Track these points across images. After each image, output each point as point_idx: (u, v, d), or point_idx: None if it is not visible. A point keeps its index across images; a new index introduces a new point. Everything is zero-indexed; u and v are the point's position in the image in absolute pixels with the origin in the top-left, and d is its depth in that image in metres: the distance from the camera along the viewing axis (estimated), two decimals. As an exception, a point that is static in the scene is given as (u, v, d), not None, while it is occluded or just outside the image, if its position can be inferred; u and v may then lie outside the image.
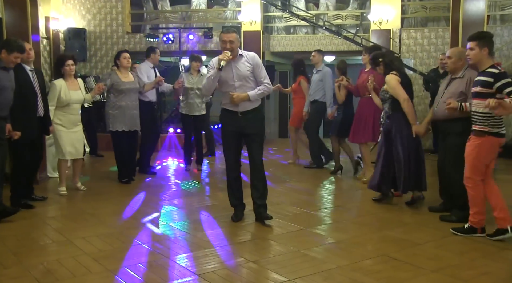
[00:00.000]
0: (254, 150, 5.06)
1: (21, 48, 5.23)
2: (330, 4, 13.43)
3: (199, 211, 5.70)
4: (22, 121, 5.45)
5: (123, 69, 7.07)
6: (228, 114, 5.07)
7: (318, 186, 7.21)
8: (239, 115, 5.01)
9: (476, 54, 4.47)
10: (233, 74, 4.97)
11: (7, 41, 5.39)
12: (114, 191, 6.79)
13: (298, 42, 13.29)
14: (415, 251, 4.27)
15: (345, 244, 4.51)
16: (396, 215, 5.52)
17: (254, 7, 12.34)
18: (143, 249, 4.36)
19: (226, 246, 4.45)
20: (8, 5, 6.93)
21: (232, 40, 4.84)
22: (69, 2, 13.19)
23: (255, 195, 5.12)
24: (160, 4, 13.90)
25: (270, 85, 5.13)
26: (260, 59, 6.20)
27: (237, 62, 4.97)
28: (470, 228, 4.68)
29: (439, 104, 5.18)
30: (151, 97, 7.64)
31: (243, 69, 4.97)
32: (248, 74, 4.98)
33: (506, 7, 12.07)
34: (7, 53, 5.09)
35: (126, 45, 13.19)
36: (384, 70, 5.82)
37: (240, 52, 4.99)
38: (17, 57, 5.18)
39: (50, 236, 4.76)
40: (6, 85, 5.07)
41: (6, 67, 5.11)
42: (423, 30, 12.25)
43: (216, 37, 12.57)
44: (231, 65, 4.95)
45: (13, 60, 5.15)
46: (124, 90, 6.94)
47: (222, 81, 5.01)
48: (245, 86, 4.98)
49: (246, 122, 5.01)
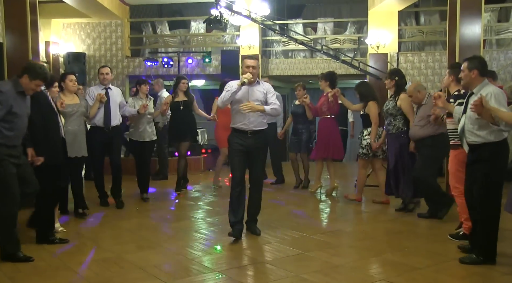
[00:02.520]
0: (257, 167, 5.49)
1: (45, 78, 4.84)
2: (328, 29, 13.58)
3: (197, 235, 5.67)
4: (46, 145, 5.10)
5: (68, 92, 6.37)
6: (238, 133, 5.41)
7: (317, 209, 7.19)
8: (249, 134, 5.36)
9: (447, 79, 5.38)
10: (248, 96, 5.36)
11: (32, 66, 4.84)
12: (110, 215, 6.75)
13: (296, 66, 13.40)
14: (414, 276, 4.23)
15: (344, 269, 4.47)
16: (395, 239, 5.49)
17: (252, 31, 12.47)
18: (140, 274, 4.32)
19: (225, 271, 4.41)
20: (9, 29, 7.01)
21: (254, 66, 5.38)
22: (69, 27, 13.33)
23: (250, 210, 5.53)
24: (159, 29, 14.04)
25: (280, 107, 5.58)
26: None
27: (254, 87, 5.43)
28: (464, 235, 5.14)
29: (413, 127, 6.22)
30: (99, 122, 6.82)
31: (258, 93, 5.42)
32: (262, 98, 5.40)
33: (502, 32, 12.22)
34: (28, 79, 4.68)
35: (125, 69, 13.31)
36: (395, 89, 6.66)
37: (258, 80, 5.51)
38: (38, 85, 4.78)
39: (47, 260, 4.71)
40: (22, 112, 4.67)
41: (24, 92, 4.71)
42: (420, 54, 12.38)
43: (215, 61, 12.68)
44: (247, 88, 5.38)
45: (33, 87, 4.74)
46: (67, 113, 6.21)
47: (237, 101, 5.36)
48: None
49: (253, 141, 5.38)
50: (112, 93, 7.00)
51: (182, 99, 8.09)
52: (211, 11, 10.25)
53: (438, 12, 12.74)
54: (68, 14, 12.30)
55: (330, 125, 7.81)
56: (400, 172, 6.55)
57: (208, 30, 13.61)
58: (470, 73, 4.55)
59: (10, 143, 4.59)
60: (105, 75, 6.93)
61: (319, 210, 7.13)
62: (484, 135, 4.37)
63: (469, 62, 4.60)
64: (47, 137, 5.17)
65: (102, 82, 6.98)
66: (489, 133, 4.36)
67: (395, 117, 6.56)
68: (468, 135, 4.49)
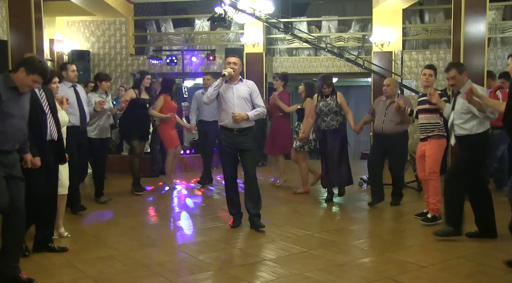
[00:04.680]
0: (247, 163, 5.71)
1: (44, 73, 4.08)
2: (332, 27, 13.55)
3: (201, 233, 5.68)
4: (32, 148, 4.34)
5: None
6: (225, 131, 5.72)
7: (320, 208, 7.18)
8: (235, 132, 5.65)
9: (433, 80, 5.94)
10: (233, 94, 5.66)
11: (31, 59, 4.13)
12: (115, 212, 6.76)
13: (300, 64, 13.39)
14: (419, 274, 4.22)
15: (348, 267, 4.47)
16: (399, 237, 5.48)
17: (256, 29, 12.46)
18: (145, 272, 4.32)
19: (229, 269, 4.41)
20: (13, 27, 7.03)
21: (235, 62, 5.68)
22: (74, 25, 13.36)
23: (249, 206, 5.70)
24: (163, 27, 14.05)
25: (265, 108, 5.86)
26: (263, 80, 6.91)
27: (237, 84, 5.72)
28: (433, 217, 5.81)
29: (387, 122, 6.77)
30: (73, 120, 6.25)
31: (243, 90, 5.71)
32: (246, 95, 5.70)
33: (507, 30, 12.17)
34: (25, 73, 3.95)
35: (129, 67, 13.33)
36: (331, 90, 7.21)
37: (240, 78, 5.79)
38: (35, 81, 4.02)
39: (51, 258, 4.72)
40: (12, 112, 3.94)
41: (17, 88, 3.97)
42: (424, 52, 12.35)
43: (219, 59, 12.69)
44: (232, 86, 5.69)
45: (29, 83, 3.99)
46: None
47: (224, 99, 5.68)
48: (243, 106, 5.66)
49: (240, 138, 5.66)
50: (79, 90, 6.64)
51: (146, 97, 7.81)
52: (215, 9, 10.24)
53: (443, 10, 12.71)
54: (73, 12, 12.33)
55: (279, 123, 8.47)
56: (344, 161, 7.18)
57: (213, 28, 13.62)
58: (461, 76, 5.22)
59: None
60: (76, 72, 6.56)
61: (323, 209, 7.13)
62: (469, 128, 5.07)
63: (457, 67, 5.28)
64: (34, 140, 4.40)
65: (73, 79, 6.54)
66: (473, 127, 5.06)
67: (337, 113, 7.15)
68: (456, 129, 5.18)
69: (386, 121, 6.79)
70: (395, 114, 6.68)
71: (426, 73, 5.90)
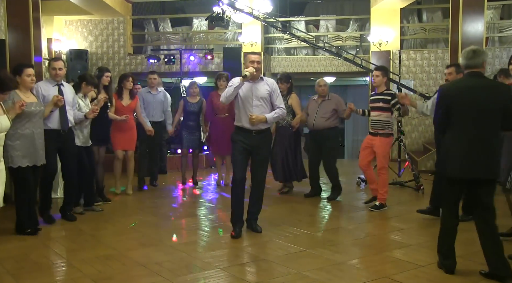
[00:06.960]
0: (259, 167, 5.47)
1: None
2: (330, 26, 13.55)
3: (199, 232, 5.68)
4: None
5: (24, 88, 5.45)
6: (241, 132, 5.40)
7: (319, 207, 7.19)
8: (253, 134, 5.34)
9: (380, 80, 6.57)
10: (252, 94, 5.34)
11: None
12: (113, 212, 6.76)
13: (298, 63, 13.39)
14: (417, 273, 4.23)
15: (346, 266, 4.48)
16: (397, 236, 5.49)
17: (254, 28, 12.46)
18: (143, 271, 4.33)
19: (227, 268, 4.42)
20: (11, 27, 7.01)
21: (258, 61, 5.34)
22: (72, 24, 13.33)
23: (250, 209, 5.58)
24: (161, 26, 14.03)
25: (285, 109, 5.62)
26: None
27: (258, 83, 5.40)
28: (381, 204, 6.65)
29: (318, 119, 7.35)
30: (53, 124, 5.86)
31: (262, 90, 5.38)
32: (266, 96, 5.38)
33: (505, 29, 12.18)
34: None
35: (127, 66, 13.31)
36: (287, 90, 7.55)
37: (261, 76, 5.45)
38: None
39: (50, 257, 4.73)
40: None
41: None
42: (422, 51, 12.35)
43: (217, 58, 12.68)
44: (251, 85, 5.36)
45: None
46: (28, 113, 5.33)
47: (242, 99, 5.36)
48: (262, 107, 5.36)
49: (258, 141, 5.38)
50: (65, 90, 6.02)
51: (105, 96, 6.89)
52: (213, 8, 10.24)
53: (441, 10, 12.70)
54: (71, 11, 12.29)
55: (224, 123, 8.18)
56: (290, 158, 7.59)
57: (210, 27, 13.60)
58: (457, 76, 5.57)
59: None
60: (57, 71, 5.90)
61: (321, 208, 7.13)
62: None
63: (457, 67, 5.69)
64: None
65: (55, 78, 5.94)
66: None
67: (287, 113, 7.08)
68: None
69: (317, 117, 7.36)
70: (326, 111, 7.33)
71: (374, 74, 6.66)
